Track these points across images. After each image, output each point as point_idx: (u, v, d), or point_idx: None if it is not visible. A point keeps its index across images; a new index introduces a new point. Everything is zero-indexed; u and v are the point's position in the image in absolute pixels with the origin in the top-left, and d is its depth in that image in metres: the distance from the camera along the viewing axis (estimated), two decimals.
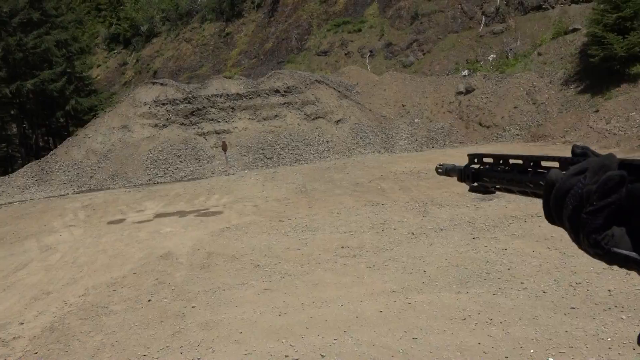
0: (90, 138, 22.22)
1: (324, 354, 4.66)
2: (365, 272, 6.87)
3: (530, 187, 0.77)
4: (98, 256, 9.34)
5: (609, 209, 0.54)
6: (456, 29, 30.52)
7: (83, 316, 6.32)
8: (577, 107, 19.69)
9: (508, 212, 9.09)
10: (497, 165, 0.90)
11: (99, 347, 5.33)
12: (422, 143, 21.77)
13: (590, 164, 0.58)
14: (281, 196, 13.53)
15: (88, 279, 7.94)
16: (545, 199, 0.65)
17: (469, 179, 0.98)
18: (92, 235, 11.27)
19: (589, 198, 0.56)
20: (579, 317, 4.80)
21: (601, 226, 0.55)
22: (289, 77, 24.29)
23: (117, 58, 46.70)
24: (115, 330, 5.77)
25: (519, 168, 0.82)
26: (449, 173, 1.11)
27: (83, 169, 20.78)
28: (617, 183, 0.54)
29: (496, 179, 0.88)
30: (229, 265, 7.88)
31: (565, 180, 0.60)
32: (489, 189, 0.93)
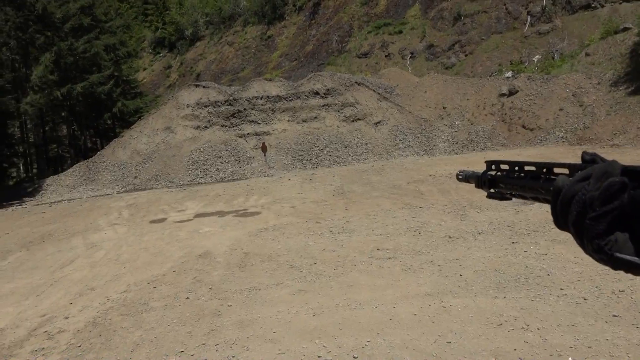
0: (135, 139, 22.93)
1: (356, 356, 4.66)
2: (400, 275, 6.82)
3: (542, 193, 0.79)
4: (140, 254, 9.62)
5: (611, 214, 0.56)
6: (500, 30, 29.91)
7: (124, 312, 6.53)
8: (627, 109, 18.95)
9: (549, 217, 8.71)
10: (513, 172, 0.91)
11: (138, 343, 5.49)
12: (463, 146, 21.43)
13: (594, 170, 0.60)
14: (319, 198, 13.59)
15: (130, 276, 8.19)
16: (553, 205, 0.67)
17: (485, 185, 1.00)
18: (134, 233, 11.61)
19: (591, 204, 0.57)
20: (621, 326, 4.62)
21: (604, 231, 0.56)
22: (328, 79, 24.38)
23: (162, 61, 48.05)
24: (154, 326, 5.93)
25: (532, 174, 0.84)
26: (469, 180, 1.14)
27: (128, 169, 21.46)
28: (618, 189, 0.56)
29: (511, 186, 0.90)
30: (265, 265, 7.98)
31: (570, 186, 0.62)
32: (505, 195, 0.95)
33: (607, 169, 0.58)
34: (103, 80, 28.51)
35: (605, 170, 0.58)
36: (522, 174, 0.88)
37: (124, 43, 32.57)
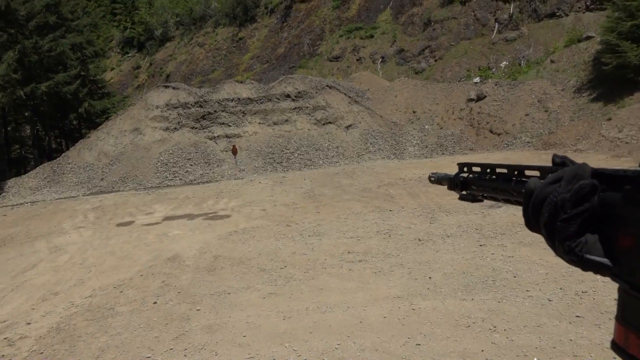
0: (102, 140, 22.45)
1: (326, 359, 4.65)
2: (371, 278, 6.85)
3: (514, 195, 0.79)
4: (106, 258, 9.41)
5: (581, 216, 0.56)
6: (469, 36, 30.44)
7: (89, 317, 6.37)
8: (589, 115, 19.52)
9: (516, 220, 9.02)
10: (485, 174, 0.92)
11: (104, 349, 5.36)
12: (432, 150, 21.71)
13: (565, 173, 0.60)
14: (289, 201, 13.55)
15: (95, 281, 8.00)
16: (524, 207, 0.66)
17: (457, 187, 1.00)
18: (101, 237, 11.36)
19: (563, 206, 0.58)
20: (584, 326, 4.75)
21: (575, 233, 0.57)
22: (300, 82, 24.38)
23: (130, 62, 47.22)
24: (120, 331, 5.80)
25: (504, 177, 0.84)
26: (441, 182, 1.14)
27: (94, 171, 21.00)
28: (589, 192, 0.57)
29: (483, 188, 0.91)
30: (235, 268, 7.91)
31: (542, 188, 0.62)
32: (477, 197, 0.95)
33: (577, 171, 0.59)
34: (69, 79, 27.82)
35: (576, 172, 0.59)
36: (494, 176, 0.88)
37: (91, 42, 31.83)
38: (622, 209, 0.54)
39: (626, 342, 0.55)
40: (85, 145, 22.62)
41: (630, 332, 0.54)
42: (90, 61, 30.73)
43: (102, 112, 29.99)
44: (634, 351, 0.53)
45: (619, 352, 0.56)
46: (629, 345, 0.54)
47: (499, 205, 10.15)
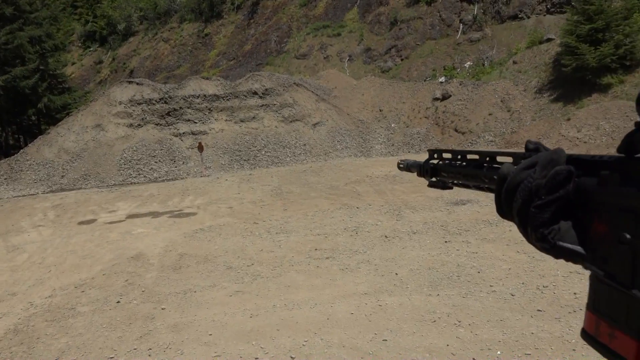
0: (62, 137, 21.80)
1: (293, 356, 4.64)
2: (338, 274, 6.87)
3: (485, 181, 0.78)
4: (67, 257, 9.15)
5: (556, 203, 0.55)
6: (434, 36, 30.88)
7: (49, 318, 6.18)
8: (550, 115, 20.09)
9: (480, 217, 9.20)
10: (455, 160, 0.90)
11: (64, 350, 5.21)
12: (399, 148, 21.94)
13: (539, 158, 0.59)
14: (256, 198, 13.47)
15: (55, 280, 7.77)
16: (497, 193, 0.65)
17: (427, 174, 0.98)
18: (61, 235, 11.03)
19: (537, 192, 0.56)
20: (545, 320, 4.87)
21: (548, 220, 0.56)
22: (267, 79, 24.24)
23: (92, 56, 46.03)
24: (82, 332, 5.64)
25: (475, 163, 0.82)
26: (410, 168, 1.12)
27: (54, 168, 20.37)
28: (564, 178, 0.55)
29: (453, 174, 0.89)
30: (200, 266, 7.80)
31: (516, 174, 0.61)
32: (447, 184, 0.94)
33: (552, 156, 0.58)
34: (27, 73, 26.88)
35: (551, 158, 0.57)
36: (464, 162, 0.87)
37: (50, 35, 30.80)
38: (597, 195, 0.54)
39: (597, 331, 0.54)
40: (44, 141, 21.90)
41: (601, 320, 0.53)
42: (49, 55, 29.75)
43: (62, 108, 29.09)
44: (605, 339, 0.52)
45: (590, 341, 0.55)
46: (599, 334, 0.53)
47: (464, 202, 10.34)
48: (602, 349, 0.53)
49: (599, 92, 19.43)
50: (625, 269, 0.49)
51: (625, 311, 0.50)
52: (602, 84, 19.41)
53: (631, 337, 0.48)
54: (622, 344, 0.49)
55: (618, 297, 0.50)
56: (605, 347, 0.52)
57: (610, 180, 0.52)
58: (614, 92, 19.09)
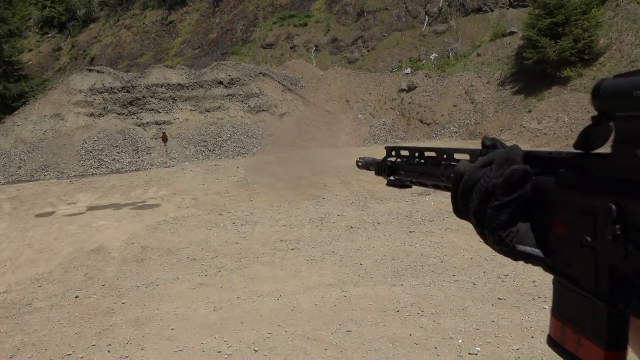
0: (19, 126, 21.02)
1: (257, 349, 4.60)
2: (303, 266, 6.85)
3: (442, 180, 0.74)
4: (23, 250, 8.84)
5: (513, 204, 0.53)
6: (400, 27, 31.04)
7: (3, 314, 5.96)
8: (512, 107, 20.51)
9: (443, 207, 9.32)
10: (413, 158, 0.86)
11: (19, 347, 5.03)
12: (365, 138, 22.03)
13: (495, 155, 0.56)
14: (222, 189, 13.31)
15: (11, 275, 7.50)
16: (453, 192, 0.62)
17: (385, 172, 0.94)
18: (17, 228, 10.65)
19: (493, 192, 0.54)
20: (505, 308, 4.97)
21: (505, 222, 0.53)
22: (232, 69, 23.92)
23: (50, 43, 44.42)
24: (38, 328, 5.47)
25: (432, 161, 0.79)
26: (368, 167, 1.08)
27: (10, 158, 19.64)
28: (520, 178, 0.52)
29: (411, 173, 0.86)
30: (163, 259, 7.66)
31: (472, 172, 0.58)
32: (405, 182, 0.90)
33: (509, 154, 0.55)
34: None
35: (507, 156, 0.54)
36: (422, 160, 0.83)
37: (5, 20, 29.51)
38: (556, 194, 0.51)
39: (563, 338, 0.51)
40: (0, 130, 21.09)
41: (567, 327, 0.51)
42: (4, 41, 28.52)
43: (19, 96, 27.99)
44: (571, 347, 0.50)
45: (556, 348, 0.52)
46: (565, 341, 0.51)
47: (428, 192, 10.46)
48: (569, 357, 0.50)
49: (559, 84, 19.94)
50: (589, 273, 0.47)
51: (590, 318, 0.47)
52: (561, 77, 19.91)
53: (598, 346, 0.46)
54: (589, 352, 0.47)
55: (583, 302, 0.48)
56: (572, 355, 0.50)
57: (568, 178, 0.49)
58: (573, 85, 19.62)
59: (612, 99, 0.42)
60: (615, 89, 0.42)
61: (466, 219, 0.61)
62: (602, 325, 0.46)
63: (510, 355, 4.10)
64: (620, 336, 0.46)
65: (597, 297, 0.46)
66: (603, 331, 0.45)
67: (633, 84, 0.40)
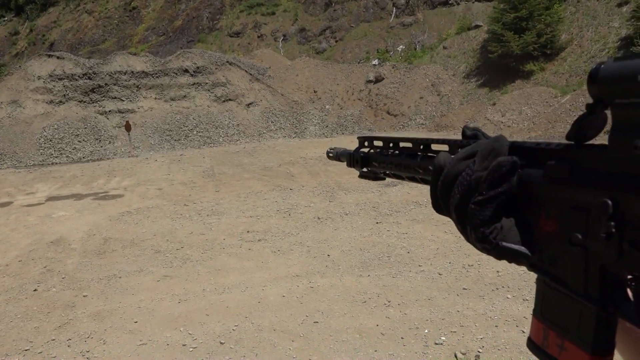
0: None
1: (223, 341, 4.54)
2: (270, 257, 6.81)
3: (419, 172, 0.71)
4: None
5: (498, 199, 0.49)
6: (368, 19, 31.09)
7: None
8: (477, 99, 20.85)
9: (410, 198, 9.41)
10: (387, 149, 0.82)
11: None
12: (333, 129, 22.04)
13: (479, 147, 0.52)
14: (187, 179, 13.10)
15: None
16: (432, 186, 0.58)
17: (357, 164, 0.89)
18: None
19: (477, 186, 0.50)
20: (469, 298, 5.05)
21: (489, 218, 0.49)
22: (198, 57, 23.51)
23: (7, 26, 42.67)
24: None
25: (408, 152, 0.75)
26: (340, 157, 1.03)
27: None
28: (508, 170, 0.48)
29: (385, 164, 0.81)
30: (127, 251, 7.48)
31: (453, 165, 0.54)
32: (379, 174, 0.86)
33: (494, 145, 0.51)
34: None
35: (492, 147, 0.50)
36: (397, 151, 0.79)
37: None
38: (544, 188, 0.47)
39: (545, 341, 0.48)
40: None
41: (549, 329, 0.47)
42: None
43: None
44: (554, 351, 0.46)
45: (536, 352, 0.49)
46: (548, 345, 0.48)
47: (395, 183, 10.53)
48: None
49: (522, 78, 20.37)
50: (577, 274, 0.44)
51: (577, 321, 0.44)
52: (524, 70, 20.35)
53: (584, 350, 0.43)
54: (573, 357, 0.44)
55: (569, 304, 0.45)
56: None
57: (558, 171, 0.45)
58: (536, 79, 20.07)
59: (612, 84, 0.39)
60: (616, 73, 0.38)
61: (446, 215, 0.57)
62: (589, 328, 0.43)
63: (475, 345, 4.16)
64: (608, 340, 0.43)
65: (586, 299, 0.43)
66: (590, 335, 0.43)
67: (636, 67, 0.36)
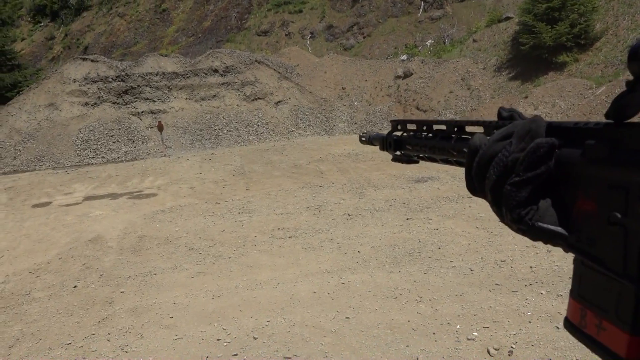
0: (13, 116, 20.89)
1: (256, 336, 4.62)
2: (301, 254, 6.87)
3: (454, 154, 0.72)
4: (21, 241, 8.83)
5: (536, 181, 0.49)
6: (396, 14, 30.83)
7: (1, 305, 5.96)
8: (508, 93, 20.46)
9: (441, 194, 9.34)
10: (421, 132, 0.83)
11: (18, 337, 5.04)
12: (361, 126, 21.98)
13: (515, 127, 0.52)
14: (218, 178, 13.29)
15: (8, 266, 7.50)
16: (467, 167, 0.59)
17: (390, 147, 0.91)
18: (14, 219, 10.63)
19: (514, 167, 0.50)
20: (502, 293, 5.00)
21: (526, 200, 0.49)
22: (227, 57, 23.76)
23: (43, 32, 43.97)
24: (37, 318, 5.47)
25: (442, 134, 0.76)
26: (372, 142, 1.05)
27: (5, 149, 19.55)
28: (545, 152, 0.49)
29: (419, 147, 0.82)
30: (161, 248, 7.66)
31: (489, 146, 0.54)
32: (412, 158, 0.87)
33: (531, 126, 0.51)
34: None
35: (530, 128, 0.51)
36: (430, 134, 0.80)
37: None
38: (582, 168, 0.47)
39: (582, 321, 0.48)
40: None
41: (587, 309, 0.47)
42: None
43: (12, 86, 27.76)
44: (592, 331, 0.46)
45: (574, 332, 0.49)
46: (585, 325, 0.47)
47: (425, 179, 10.47)
48: (588, 341, 0.47)
49: (555, 70, 19.88)
50: (616, 253, 0.43)
51: (615, 300, 0.43)
52: (557, 62, 19.85)
53: (622, 330, 0.42)
54: (611, 336, 0.44)
55: (607, 284, 0.44)
56: (592, 340, 0.46)
57: (597, 151, 0.45)
58: (569, 70, 19.56)
59: None
60: None
61: (481, 196, 0.58)
62: (628, 308, 0.42)
63: (508, 340, 4.12)
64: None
65: (625, 278, 0.43)
66: (629, 315, 0.42)
67: None
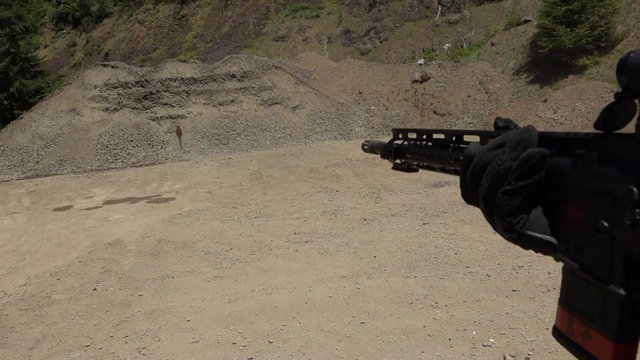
0: (36, 122, 21.29)
1: (271, 340, 4.65)
2: (317, 258, 6.88)
3: (451, 163, 0.73)
4: (42, 244, 8.99)
5: (527, 190, 0.50)
6: (413, 18, 30.78)
7: (23, 307, 6.08)
8: (527, 96, 20.27)
9: (457, 199, 9.28)
10: (421, 140, 0.85)
11: (39, 339, 5.14)
12: (379, 130, 21.95)
13: (508, 137, 0.53)
14: (236, 182, 13.38)
15: (30, 268, 7.64)
16: (462, 175, 0.60)
17: (391, 155, 0.92)
18: (36, 222, 10.83)
19: (506, 176, 0.51)
20: (519, 299, 4.95)
21: (517, 208, 0.50)
22: (245, 62, 23.94)
23: (65, 39, 44.84)
24: (57, 320, 5.57)
25: (440, 143, 0.77)
26: (374, 150, 1.06)
27: (28, 153, 19.93)
28: (537, 162, 0.50)
29: (418, 156, 0.84)
30: (179, 252, 7.74)
31: (482, 154, 0.55)
32: (412, 166, 0.89)
33: (523, 136, 0.52)
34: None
35: (522, 137, 0.52)
36: (430, 142, 0.81)
37: (20, 17, 29.81)
38: (572, 177, 0.48)
39: (569, 329, 0.49)
40: (17, 126, 21.38)
41: (574, 317, 0.48)
42: (20, 37, 28.85)
43: (35, 92, 28.36)
44: (578, 339, 0.47)
45: (561, 340, 0.50)
46: (572, 333, 0.48)
47: (442, 183, 10.41)
48: (574, 349, 0.48)
49: (575, 73, 19.65)
50: (602, 261, 0.44)
51: (601, 308, 0.44)
52: (577, 65, 19.62)
53: (608, 338, 0.44)
54: (597, 344, 0.45)
55: (594, 292, 0.45)
56: (578, 347, 0.47)
57: (586, 160, 0.46)
58: (590, 73, 19.32)
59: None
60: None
61: (475, 205, 0.58)
62: (613, 316, 0.43)
63: (525, 347, 4.09)
64: (632, 329, 0.43)
65: (610, 287, 0.43)
66: (614, 323, 0.43)
67: None
